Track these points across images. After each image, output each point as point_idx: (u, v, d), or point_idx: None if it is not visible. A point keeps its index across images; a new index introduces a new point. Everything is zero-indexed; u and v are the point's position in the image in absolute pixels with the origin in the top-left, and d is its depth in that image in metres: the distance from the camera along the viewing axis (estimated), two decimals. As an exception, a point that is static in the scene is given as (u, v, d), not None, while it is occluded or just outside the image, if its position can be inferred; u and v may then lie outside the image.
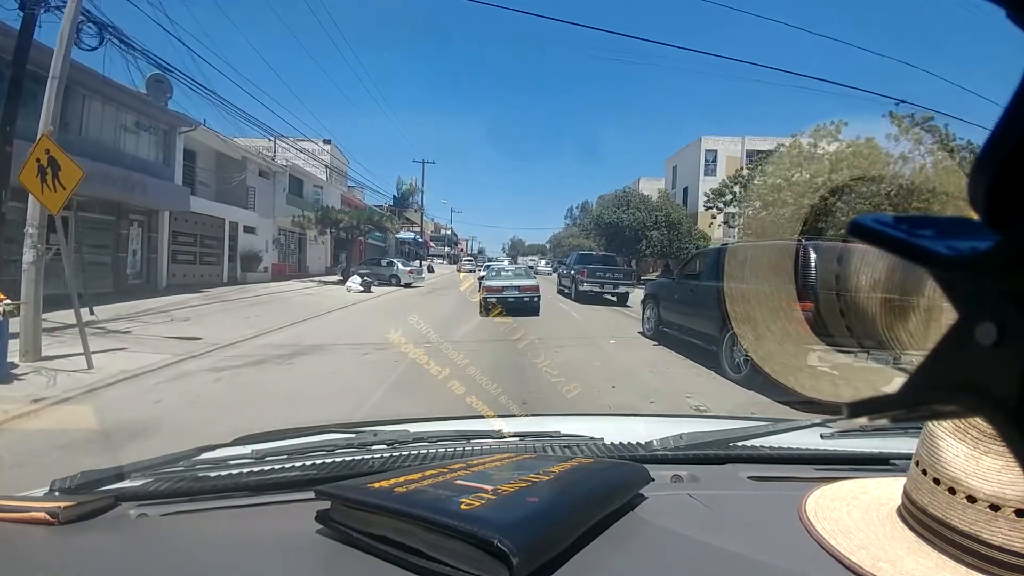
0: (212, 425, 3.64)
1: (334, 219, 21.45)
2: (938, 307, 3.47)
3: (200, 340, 7.02)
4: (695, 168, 32.01)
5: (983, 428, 0.56)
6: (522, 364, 5.95)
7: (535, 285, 11.46)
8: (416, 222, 47.20)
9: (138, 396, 4.47)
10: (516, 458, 0.84)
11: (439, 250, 60.83)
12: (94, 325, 7.19)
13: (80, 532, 0.70)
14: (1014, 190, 0.18)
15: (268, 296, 13.76)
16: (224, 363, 5.83)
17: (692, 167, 32.46)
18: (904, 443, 0.96)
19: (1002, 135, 0.18)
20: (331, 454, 0.98)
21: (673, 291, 7.42)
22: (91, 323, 7.00)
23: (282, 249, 22.86)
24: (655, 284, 8.61)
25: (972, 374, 0.20)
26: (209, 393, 4.63)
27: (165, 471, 0.91)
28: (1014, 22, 0.19)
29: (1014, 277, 0.19)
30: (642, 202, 28.50)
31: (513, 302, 10.72)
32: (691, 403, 4.65)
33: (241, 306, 11.37)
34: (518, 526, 0.52)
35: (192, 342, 6.88)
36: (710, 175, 30.65)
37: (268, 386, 5.02)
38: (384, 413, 3.84)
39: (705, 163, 31.78)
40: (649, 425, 1.29)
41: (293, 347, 6.89)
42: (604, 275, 14.58)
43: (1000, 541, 0.52)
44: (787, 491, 0.75)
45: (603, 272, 14.68)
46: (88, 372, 5.06)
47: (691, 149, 33.03)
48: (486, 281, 11.46)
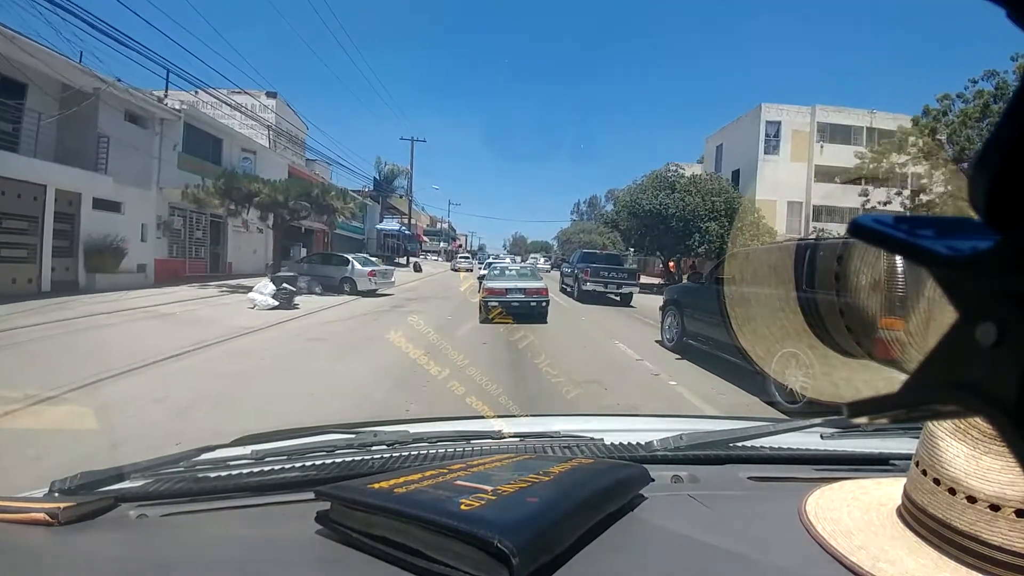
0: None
1: (246, 190, 13.18)
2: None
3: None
4: (751, 145, 24.91)
5: (983, 428, 0.56)
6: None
7: (543, 288, 9.99)
8: (404, 211, 41.06)
9: None
10: (516, 458, 0.84)
11: (434, 246, 56.60)
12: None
13: (80, 533, 0.69)
14: (1014, 190, 0.18)
15: (81, 323, 7.69)
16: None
17: (746, 144, 25.36)
18: (904, 443, 0.96)
19: (1002, 135, 0.18)
20: (331, 455, 0.98)
21: (703, 297, 6.28)
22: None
23: (177, 238, 15.55)
24: (678, 289, 7.83)
25: (972, 374, 0.20)
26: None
27: (165, 472, 0.91)
28: (1014, 22, 0.19)
29: (1014, 277, 0.19)
30: (692, 184, 20.97)
31: (517, 307, 9.37)
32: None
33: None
34: (518, 527, 0.52)
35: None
36: (772, 153, 24.51)
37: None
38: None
39: (766, 138, 24.62)
40: (649, 425, 1.29)
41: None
42: (608, 275, 14.41)
43: (1000, 541, 0.52)
44: (787, 491, 0.75)
45: (607, 272, 14.50)
46: None
47: (745, 122, 25.96)
48: (487, 282, 10.08)
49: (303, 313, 9.95)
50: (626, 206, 22.15)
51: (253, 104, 20.27)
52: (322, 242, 25.74)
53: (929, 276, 0.21)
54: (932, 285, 0.21)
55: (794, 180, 23.92)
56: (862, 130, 24.29)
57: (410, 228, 39.14)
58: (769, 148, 24.66)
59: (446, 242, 61.61)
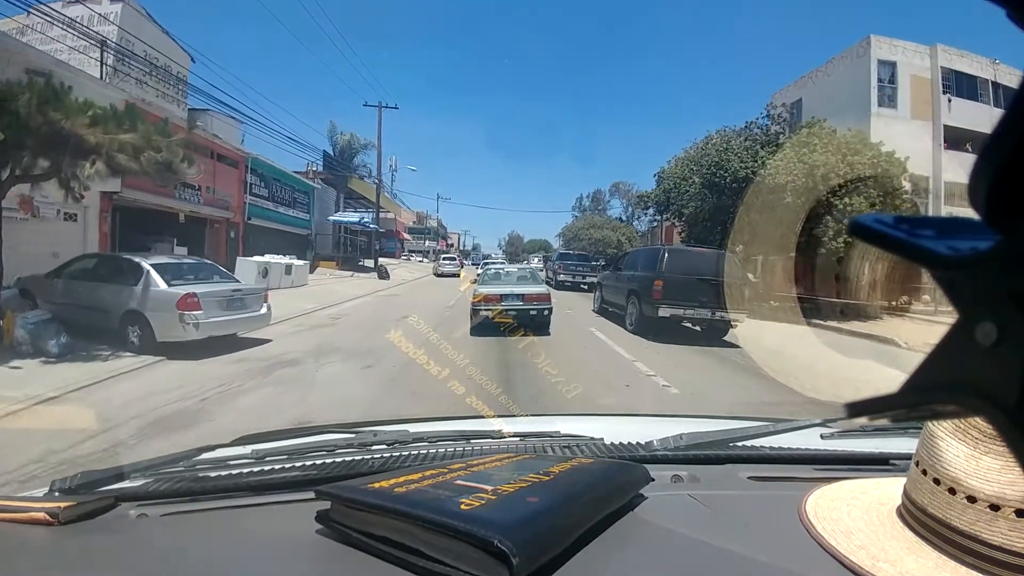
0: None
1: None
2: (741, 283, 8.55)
3: None
4: (854, 96, 16.81)
5: (983, 428, 0.56)
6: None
7: (545, 293, 8.53)
8: (385, 202, 30.94)
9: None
10: (516, 458, 0.84)
11: (421, 245, 47.04)
12: None
13: (80, 532, 0.70)
14: (1014, 190, 0.18)
15: None
16: None
17: (845, 95, 17.13)
18: (904, 443, 0.96)
19: (1002, 135, 0.18)
20: (331, 454, 0.98)
21: (610, 280, 11.00)
22: None
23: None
24: (602, 275, 12.48)
25: (972, 374, 0.20)
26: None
27: (165, 471, 0.91)
28: (1014, 22, 0.19)
29: (1014, 277, 0.19)
30: (819, 136, 12.73)
31: (516, 315, 8.08)
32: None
33: None
34: (518, 526, 0.52)
35: None
36: (887, 106, 16.81)
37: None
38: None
39: (879, 85, 16.87)
40: (649, 425, 1.30)
41: None
42: (577, 268, 19.71)
43: (1000, 541, 0.52)
44: (787, 491, 0.76)
45: (575, 266, 19.88)
46: None
47: (842, 65, 18.12)
48: (479, 287, 8.79)
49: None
50: (684, 179, 15.05)
51: (92, 18, 13.67)
52: (224, 239, 16.42)
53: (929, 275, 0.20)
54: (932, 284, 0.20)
55: (917, 146, 15.36)
56: (987, 84, 17.58)
57: (377, 221, 26.97)
58: (883, 99, 16.68)
59: (435, 241, 52.10)
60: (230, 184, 16.76)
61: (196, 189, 14.53)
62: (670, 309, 8.16)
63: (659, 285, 8.25)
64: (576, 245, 33.91)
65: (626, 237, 32.92)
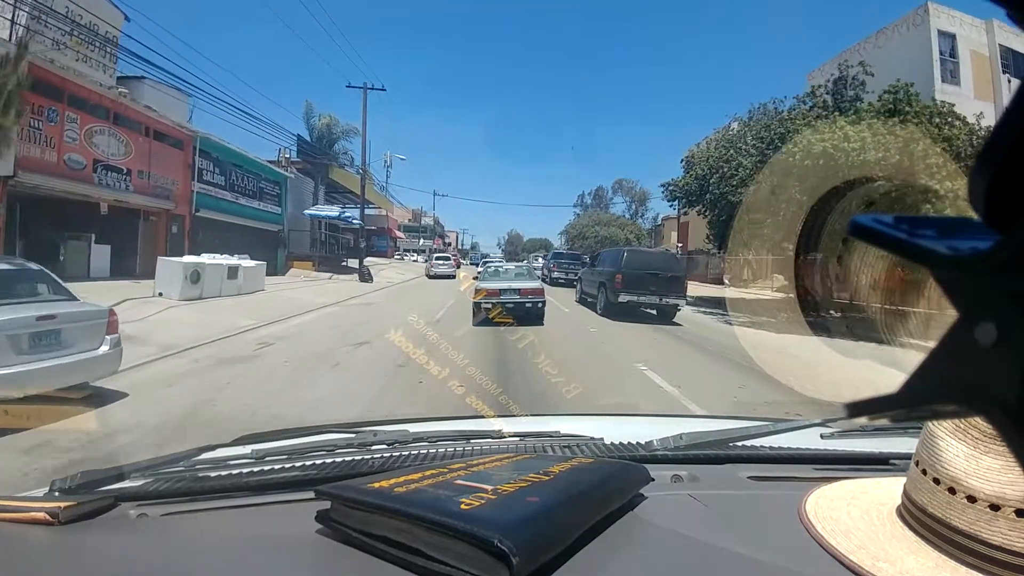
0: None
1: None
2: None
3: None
4: (913, 71, 13.37)
5: (983, 428, 0.56)
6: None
7: (539, 288, 9.62)
8: (374, 197, 27.47)
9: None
10: (516, 458, 0.84)
11: (417, 244, 45.51)
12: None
13: (80, 532, 0.70)
14: (1014, 190, 0.18)
15: None
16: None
17: (900, 70, 12.95)
18: (904, 443, 0.96)
19: (1002, 135, 0.18)
20: (331, 454, 0.98)
21: (587, 275, 13.60)
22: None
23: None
24: (582, 272, 15.04)
25: (972, 374, 0.20)
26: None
27: (165, 471, 0.91)
28: (1014, 22, 0.19)
29: (1014, 277, 0.18)
30: (911, 105, 10.78)
31: (513, 308, 8.99)
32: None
33: None
34: (518, 526, 0.52)
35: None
36: (950, 83, 14.99)
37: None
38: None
39: (940, 57, 15.07)
40: (649, 425, 1.30)
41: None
42: (569, 267, 21.22)
43: (1000, 541, 0.52)
44: (787, 491, 0.76)
45: (568, 265, 21.55)
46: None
47: (896, 36, 15.98)
48: (480, 283, 9.63)
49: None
50: (726, 160, 12.41)
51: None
52: (164, 235, 13.99)
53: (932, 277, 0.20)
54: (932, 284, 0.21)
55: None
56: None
57: (363, 216, 22.79)
58: (946, 75, 14.76)
59: (431, 239, 50.47)
60: (172, 169, 14.23)
61: (123, 173, 12.14)
62: (628, 296, 10.72)
63: (619, 278, 10.74)
64: (582, 243, 33.81)
65: (634, 235, 32.46)
